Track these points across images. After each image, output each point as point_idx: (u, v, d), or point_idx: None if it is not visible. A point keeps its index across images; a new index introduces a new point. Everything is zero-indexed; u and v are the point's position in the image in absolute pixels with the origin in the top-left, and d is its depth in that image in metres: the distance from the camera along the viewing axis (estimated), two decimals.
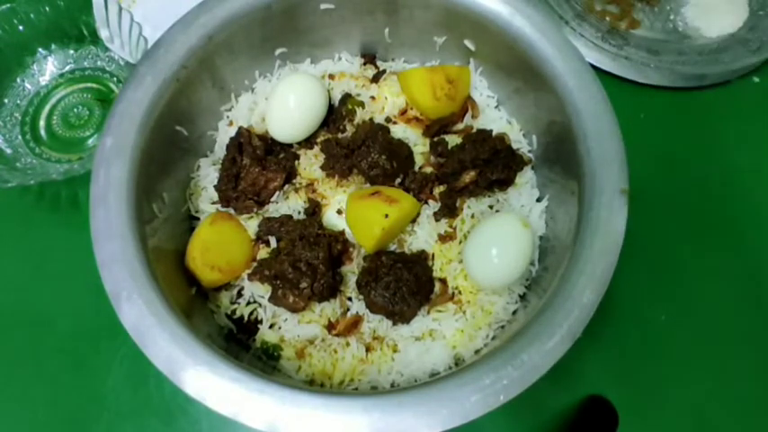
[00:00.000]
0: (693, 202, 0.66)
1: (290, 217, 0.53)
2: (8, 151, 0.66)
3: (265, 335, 0.51)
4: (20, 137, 0.68)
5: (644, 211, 0.58)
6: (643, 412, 0.56)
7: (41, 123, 0.69)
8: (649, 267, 0.62)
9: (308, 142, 0.58)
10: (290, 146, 0.58)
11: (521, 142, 0.60)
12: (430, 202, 0.55)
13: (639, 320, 0.60)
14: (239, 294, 0.53)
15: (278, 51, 0.61)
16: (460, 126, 0.60)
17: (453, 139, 0.59)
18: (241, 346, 0.52)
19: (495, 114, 0.61)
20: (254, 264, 0.53)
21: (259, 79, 0.62)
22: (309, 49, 0.63)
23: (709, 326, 0.60)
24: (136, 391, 0.57)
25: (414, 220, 0.54)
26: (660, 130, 0.70)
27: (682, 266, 0.63)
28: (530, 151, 0.60)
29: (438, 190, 0.56)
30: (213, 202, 0.57)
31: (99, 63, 0.72)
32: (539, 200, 0.57)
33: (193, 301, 0.52)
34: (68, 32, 0.71)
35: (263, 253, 0.54)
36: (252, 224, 0.55)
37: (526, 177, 0.58)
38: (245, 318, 0.52)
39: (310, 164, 0.57)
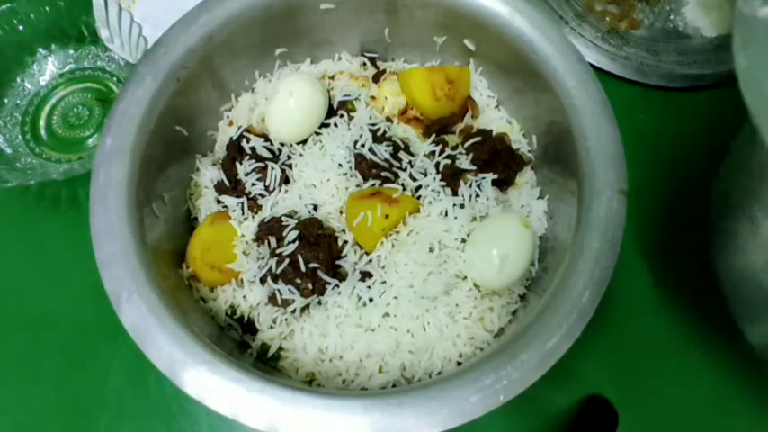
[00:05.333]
0: (693, 202, 0.66)
1: (290, 217, 0.53)
2: (8, 151, 0.66)
3: (265, 335, 0.51)
4: (20, 137, 0.68)
5: (643, 211, 0.59)
6: (643, 412, 0.56)
7: (41, 123, 0.69)
8: (649, 267, 0.62)
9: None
10: (290, 146, 0.58)
11: (521, 142, 0.60)
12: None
13: (639, 320, 0.60)
14: (239, 294, 0.53)
15: (278, 51, 0.61)
16: (460, 126, 0.60)
17: (453, 139, 0.59)
18: (241, 346, 0.52)
19: (495, 114, 0.62)
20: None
21: (259, 79, 0.62)
22: (309, 49, 0.63)
23: (709, 324, 0.60)
24: (136, 391, 0.57)
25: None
26: (660, 130, 0.70)
27: (682, 266, 0.63)
28: (530, 151, 0.60)
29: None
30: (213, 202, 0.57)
31: (99, 63, 0.72)
32: (539, 200, 0.57)
33: (193, 302, 0.52)
34: (68, 32, 0.71)
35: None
36: (252, 224, 0.55)
37: (526, 177, 0.58)
38: (246, 318, 0.52)
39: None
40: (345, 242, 0.52)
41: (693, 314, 0.61)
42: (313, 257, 0.50)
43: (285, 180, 0.56)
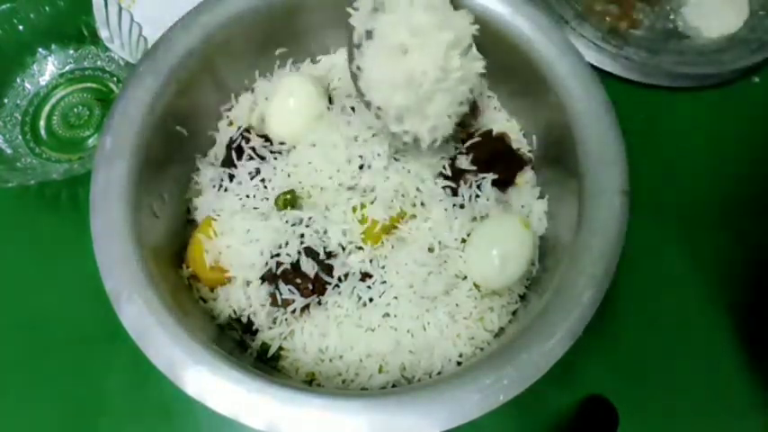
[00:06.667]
0: (693, 203, 0.66)
1: None
2: (8, 151, 0.66)
3: (265, 335, 0.51)
4: (20, 137, 0.68)
5: (644, 211, 0.58)
6: (643, 412, 0.56)
7: (41, 123, 0.69)
8: (649, 267, 0.62)
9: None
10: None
11: (521, 142, 0.60)
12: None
13: (639, 320, 0.60)
14: (239, 294, 0.53)
15: (278, 51, 0.61)
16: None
17: None
18: (241, 346, 0.52)
19: (495, 114, 0.61)
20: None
21: (259, 79, 0.62)
22: (309, 49, 0.63)
23: (708, 325, 0.60)
24: (136, 391, 0.57)
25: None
26: (660, 130, 0.70)
27: (681, 266, 0.63)
28: (530, 151, 0.60)
29: None
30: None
31: (99, 63, 0.72)
32: (539, 200, 0.57)
33: (193, 302, 0.52)
34: (68, 32, 0.71)
35: None
36: None
37: (526, 177, 0.58)
38: (246, 318, 0.52)
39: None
40: (350, 242, 0.52)
41: (694, 314, 0.61)
42: (314, 256, 0.50)
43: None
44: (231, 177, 0.56)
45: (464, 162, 0.55)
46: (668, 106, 0.71)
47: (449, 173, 0.55)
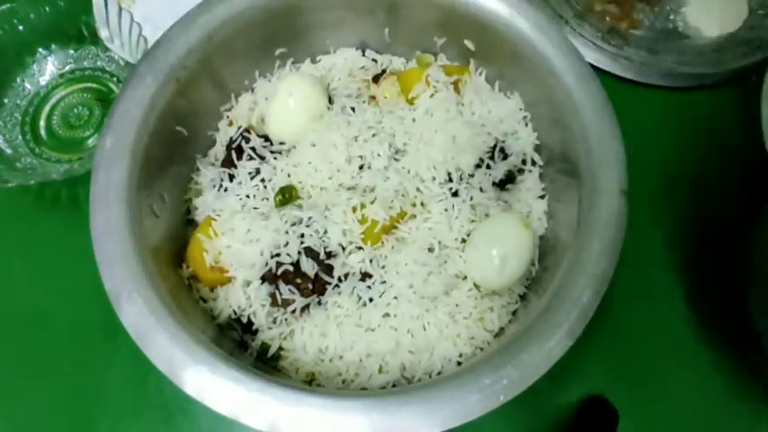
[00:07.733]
0: (693, 203, 0.66)
1: None
2: (8, 151, 0.66)
3: (265, 335, 0.51)
4: (20, 137, 0.68)
5: (643, 211, 0.59)
6: (643, 412, 0.56)
7: (41, 123, 0.69)
8: (649, 267, 0.62)
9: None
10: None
11: None
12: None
13: (639, 320, 0.60)
14: (239, 294, 0.53)
15: (278, 51, 0.61)
16: None
17: None
18: (241, 346, 0.52)
19: None
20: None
21: (259, 79, 0.62)
22: (309, 49, 0.63)
23: (708, 325, 0.60)
24: (136, 390, 0.57)
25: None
26: (660, 130, 0.70)
27: (681, 266, 0.63)
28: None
29: None
30: None
31: (99, 63, 0.72)
32: (539, 200, 0.57)
33: (193, 302, 0.52)
34: (68, 32, 0.71)
35: None
36: None
37: (527, 177, 0.58)
38: (246, 318, 0.52)
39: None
40: (350, 242, 0.52)
41: (695, 315, 0.61)
42: (314, 256, 0.50)
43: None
44: (231, 177, 0.56)
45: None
46: (668, 106, 0.71)
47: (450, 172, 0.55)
